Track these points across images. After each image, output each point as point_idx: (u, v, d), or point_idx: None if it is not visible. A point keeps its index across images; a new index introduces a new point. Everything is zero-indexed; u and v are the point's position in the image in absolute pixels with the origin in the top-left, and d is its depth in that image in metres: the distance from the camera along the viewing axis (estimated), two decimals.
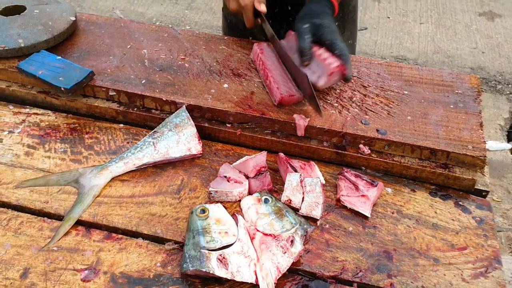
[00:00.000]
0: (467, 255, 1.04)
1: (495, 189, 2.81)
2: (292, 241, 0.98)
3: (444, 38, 4.26)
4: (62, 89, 1.27)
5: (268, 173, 1.14)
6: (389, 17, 4.52)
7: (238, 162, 1.17)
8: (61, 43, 1.48)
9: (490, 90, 3.69)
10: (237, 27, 1.79)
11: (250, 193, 1.12)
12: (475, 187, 1.19)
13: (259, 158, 1.15)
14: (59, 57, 1.37)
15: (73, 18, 1.51)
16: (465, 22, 4.47)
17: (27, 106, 1.35)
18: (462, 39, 4.25)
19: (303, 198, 1.08)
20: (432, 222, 1.11)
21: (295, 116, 1.24)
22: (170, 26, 1.58)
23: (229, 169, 1.15)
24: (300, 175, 1.11)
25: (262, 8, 1.39)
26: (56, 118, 1.31)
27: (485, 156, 1.17)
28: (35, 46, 1.40)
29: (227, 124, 1.29)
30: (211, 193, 1.10)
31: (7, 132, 1.26)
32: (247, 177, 1.14)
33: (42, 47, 1.41)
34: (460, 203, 1.16)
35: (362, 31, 4.26)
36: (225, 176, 1.13)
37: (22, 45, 1.38)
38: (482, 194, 1.18)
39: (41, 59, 1.35)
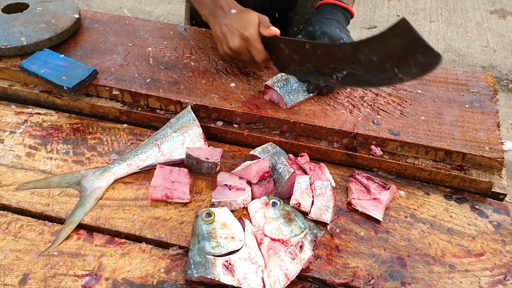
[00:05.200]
0: (484, 262, 0.99)
1: (509, 190, 2.74)
2: (301, 247, 0.94)
3: (455, 36, 4.20)
4: (65, 88, 1.24)
5: (272, 178, 1.10)
6: (399, 15, 4.46)
7: (239, 167, 1.12)
8: (65, 41, 1.44)
9: (502, 89, 3.63)
10: None
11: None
12: (492, 190, 1.14)
13: (262, 163, 1.09)
14: (62, 56, 1.33)
15: (77, 16, 1.48)
16: (476, 20, 4.41)
17: (30, 106, 1.31)
18: (473, 37, 4.19)
19: (312, 201, 1.04)
20: (448, 226, 1.06)
21: None
22: (176, 24, 1.54)
23: (227, 177, 1.09)
24: (310, 177, 1.06)
25: (274, 30, 1.16)
26: (59, 118, 1.28)
27: (503, 158, 1.13)
28: (38, 44, 1.37)
29: (234, 125, 1.25)
30: (214, 204, 1.05)
31: (9, 132, 1.23)
32: (249, 183, 1.09)
33: (45, 46, 1.37)
34: (477, 206, 1.11)
35: (371, 30, 4.21)
36: (226, 185, 1.08)
37: (25, 43, 1.35)
38: (500, 197, 1.14)
39: (44, 57, 1.32)
